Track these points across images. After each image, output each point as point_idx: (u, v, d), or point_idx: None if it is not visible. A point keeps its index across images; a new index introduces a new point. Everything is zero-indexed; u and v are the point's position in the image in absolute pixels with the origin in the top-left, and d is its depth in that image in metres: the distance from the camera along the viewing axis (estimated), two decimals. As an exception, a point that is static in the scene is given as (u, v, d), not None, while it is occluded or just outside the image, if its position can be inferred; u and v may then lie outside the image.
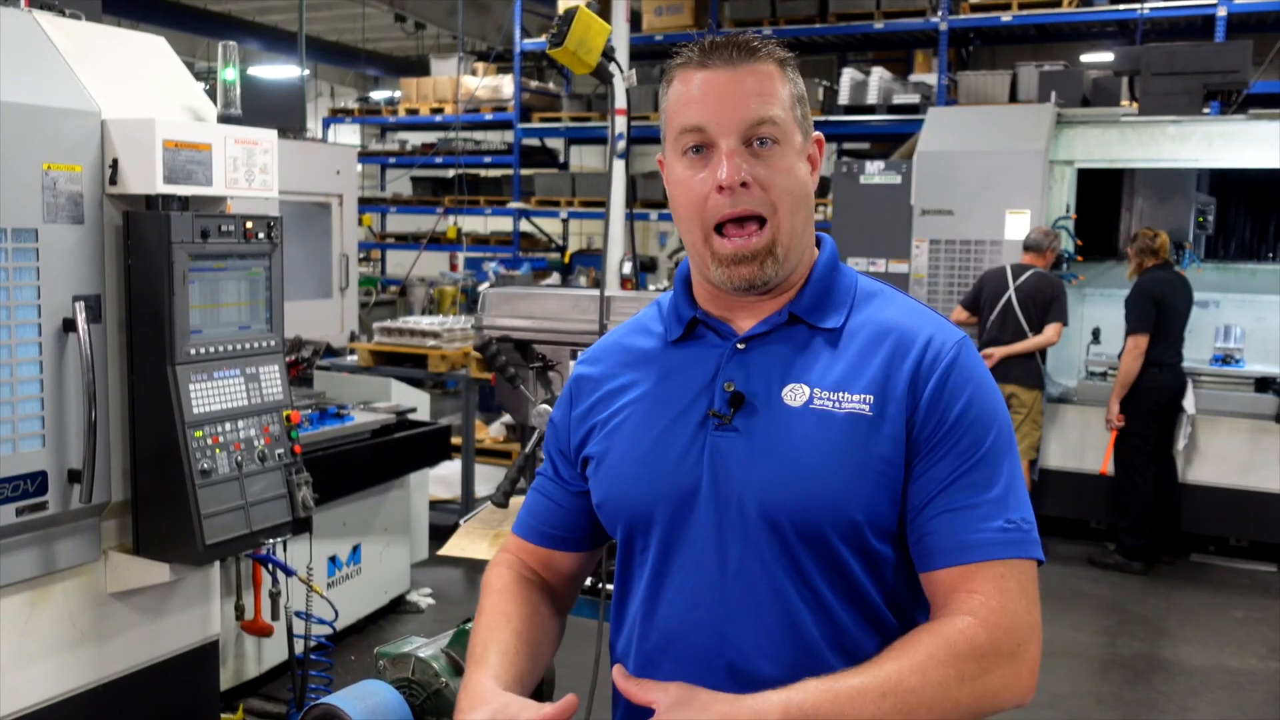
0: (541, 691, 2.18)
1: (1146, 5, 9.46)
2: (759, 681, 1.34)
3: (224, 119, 3.36)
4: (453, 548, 2.35)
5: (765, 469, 1.35)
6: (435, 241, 12.56)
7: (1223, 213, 7.23)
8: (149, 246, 3.12)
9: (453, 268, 15.21)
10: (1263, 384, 6.45)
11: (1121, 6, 9.71)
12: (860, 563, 1.35)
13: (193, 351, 3.18)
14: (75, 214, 3.05)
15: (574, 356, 2.48)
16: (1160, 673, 4.91)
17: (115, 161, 3.09)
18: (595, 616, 2.33)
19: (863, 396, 1.35)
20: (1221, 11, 9.17)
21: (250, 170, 3.34)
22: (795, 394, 1.37)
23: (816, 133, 1.45)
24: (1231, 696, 4.64)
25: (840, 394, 1.35)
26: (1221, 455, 6.34)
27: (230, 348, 3.30)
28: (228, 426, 3.26)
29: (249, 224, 3.32)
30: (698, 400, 1.42)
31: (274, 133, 3.50)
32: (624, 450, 1.46)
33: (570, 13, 2.30)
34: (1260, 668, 4.92)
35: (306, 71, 11.79)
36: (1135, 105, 7.18)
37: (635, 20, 10.35)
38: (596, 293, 2.40)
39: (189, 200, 3.22)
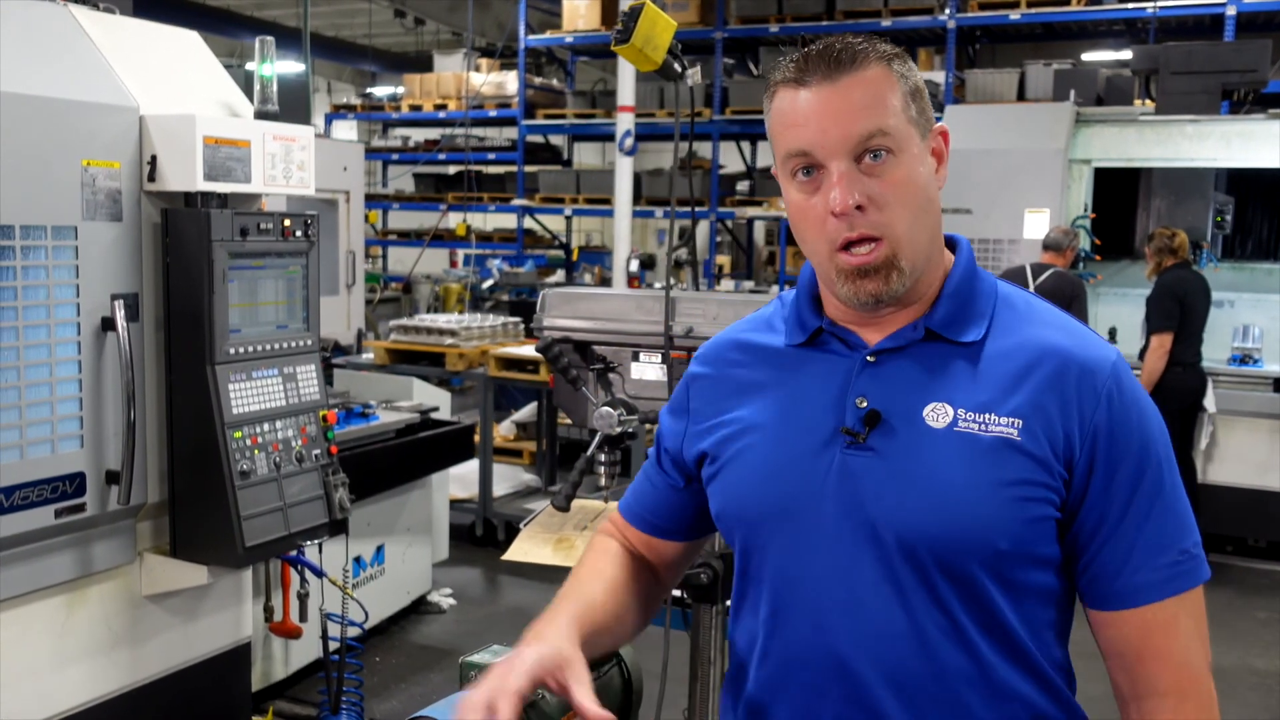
0: (630, 693, 2.14)
1: (1156, 4, 9.45)
2: (885, 714, 1.30)
3: (261, 115, 3.30)
4: (516, 552, 2.31)
5: (904, 494, 1.29)
6: (439, 238, 12.50)
7: (1240, 212, 7.22)
8: (188, 245, 3.07)
9: (453, 264, 15.17)
10: (1281, 384, 6.45)
11: (1131, 5, 9.70)
12: (1003, 593, 1.29)
13: (232, 351, 3.13)
14: (114, 211, 3.00)
15: (636, 358, 2.44)
16: (1187, 674, 4.88)
17: (154, 158, 3.04)
18: (661, 624, 2.29)
19: (1010, 420, 1.27)
20: (1231, 10, 9.17)
21: (288, 167, 3.30)
22: (938, 414, 1.30)
23: (940, 123, 1.37)
24: (1261, 699, 4.63)
25: (987, 415, 1.28)
26: (1240, 455, 6.33)
27: (268, 347, 3.26)
28: (266, 427, 3.22)
29: (287, 222, 3.28)
30: (825, 415, 1.35)
31: (311, 129, 3.46)
32: (745, 461, 1.40)
33: (636, 9, 2.25)
34: (1287, 669, 4.91)
35: (303, 67, 11.74)
36: (1149, 104, 7.17)
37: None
38: (660, 293, 2.36)
39: (227, 198, 3.17)
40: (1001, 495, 1.26)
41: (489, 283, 11.39)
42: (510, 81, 12.25)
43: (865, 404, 1.33)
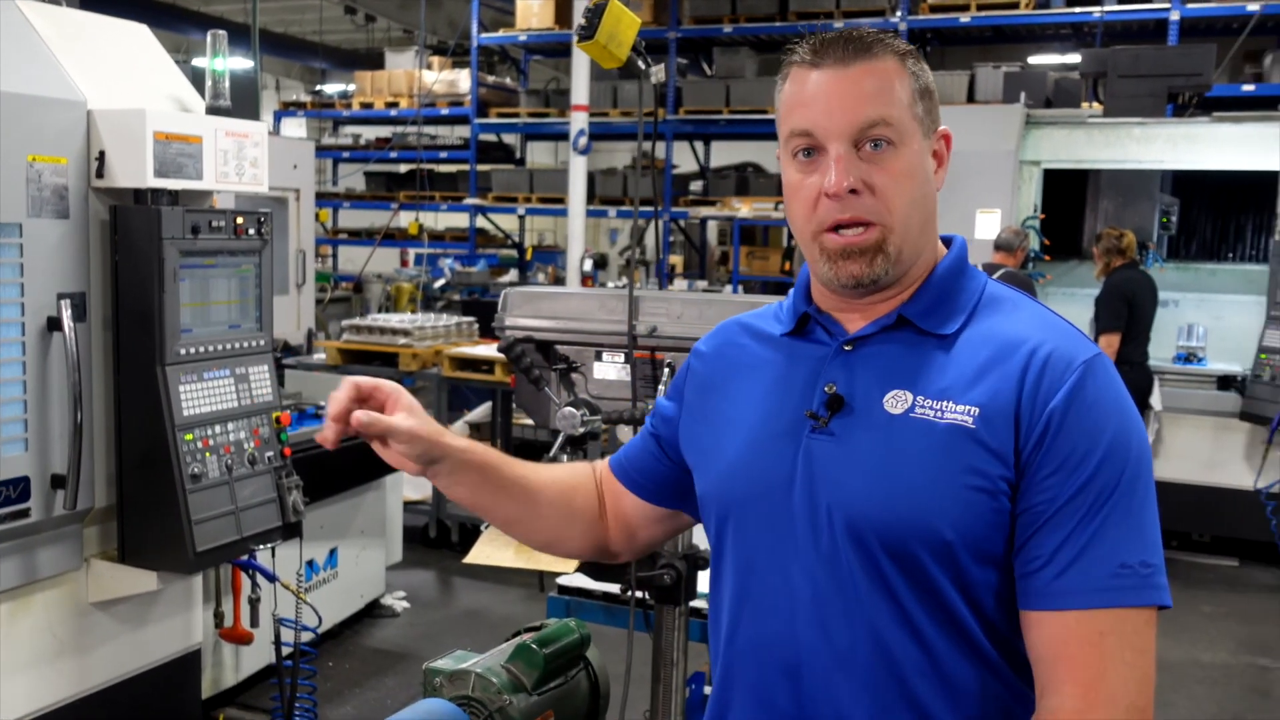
0: (597, 697, 2.12)
1: (1103, 8, 9.59)
2: (837, 700, 1.30)
3: (213, 110, 3.24)
4: (478, 555, 2.28)
5: (856, 478, 1.29)
6: (390, 237, 12.38)
7: (1185, 214, 7.35)
8: (138, 242, 3.00)
9: (403, 264, 15.02)
10: (1224, 382, 6.57)
11: (1078, 9, 9.85)
12: (954, 584, 1.26)
13: (183, 351, 3.07)
14: (60, 208, 2.93)
15: (599, 358, 2.42)
16: (1136, 669, 4.96)
17: (102, 154, 2.97)
18: (624, 626, 2.27)
19: (967, 408, 1.26)
20: (1175, 15, 9.33)
21: (241, 164, 3.24)
22: (897, 401, 1.30)
23: (944, 127, 1.37)
24: (1208, 691, 4.71)
25: (944, 403, 1.27)
26: (1185, 452, 6.45)
27: (220, 347, 3.20)
28: (218, 429, 3.16)
29: (239, 220, 3.22)
30: (799, 399, 1.36)
31: (264, 125, 3.40)
32: (722, 444, 1.42)
33: (600, 5, 2.23)
34: (1233, 662, 5.00)
35: (251, 63, 11.55)
36: (1097, 106, 7.27)
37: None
38: (624, 293, 2.34)
39: (178, 195, 3.11)
40: (950, 483, 1.24)
41: (441, 282, 11.29)
42: (463, 80, 12.15)
43: (833, 389, 1.33)
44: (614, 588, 2.63)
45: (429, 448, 1.42)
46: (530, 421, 7.67)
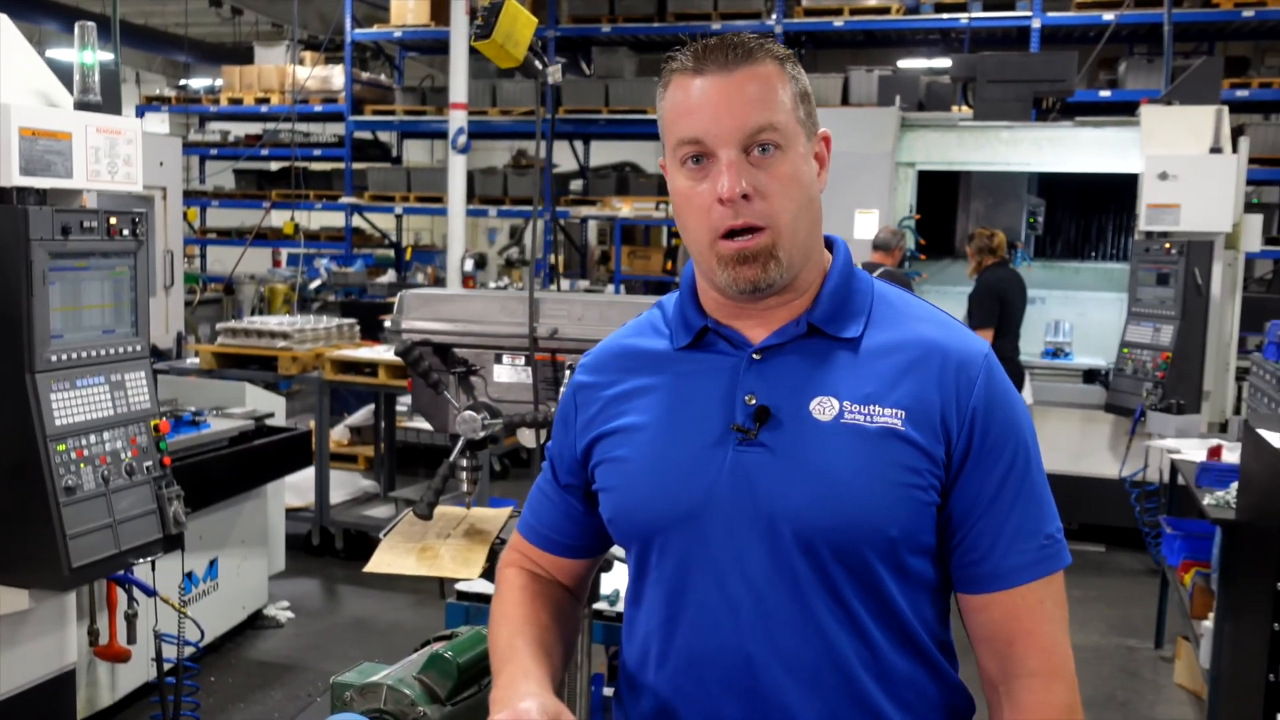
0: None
1: (970, 15, 9.92)
2: (787, 706, 1.32)
3: (82, 105, 3.10)
4: (379, 564, 2.22)
5: (799, 486, 1.30)
6: (262, 237, 12.04)
7: (1051, 214, 7.64)
8: (4, 244, 2.85)
9: (275, 264, 14.61)
10: (1090, 375, 6.86)
11: (946, 15, 10.16)
12: (894, 580, 1.32)
13: (53, 358, 2.93)
14: (-83, 207, 2.76)
15: (498, 360, 2.39)
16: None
17: (-38, 150, 2.81)
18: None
19: (894, 411, 1.31)
20: (1036, 23, 9.74)
21: (113, 161, 3.10)
22: (824, 408, 1.32)
23: (823, 129, 1.40)
24: (1081, 671, 4.88)
25: (872, 407, 1.31)
26: (1053, 443, 6.70)
27: (94, 353, 3.06)
28: (93, 439, 3.02)
29: (113, 220, 3.08)
30: (714, 413, 1.36)
31: (138, 121, 3.27)
32: (636, 464, 1.39)
33: (497, 4, 2.20)
34: (1103, 643, 5.22)
35: (112, 56, 11.07)
36: (967, 110, 7.51)
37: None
38: (524, 295, 2.31)
39: (46, 194, 2.96)
40: (890, 482, 1.30)
41: (317, 283, 11.01)
42: (337, 76, 11.88)
43: (754, 401, 1.34)
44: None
45: None
46: (413, 425, 7.57)
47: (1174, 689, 4.70)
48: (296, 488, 5.88)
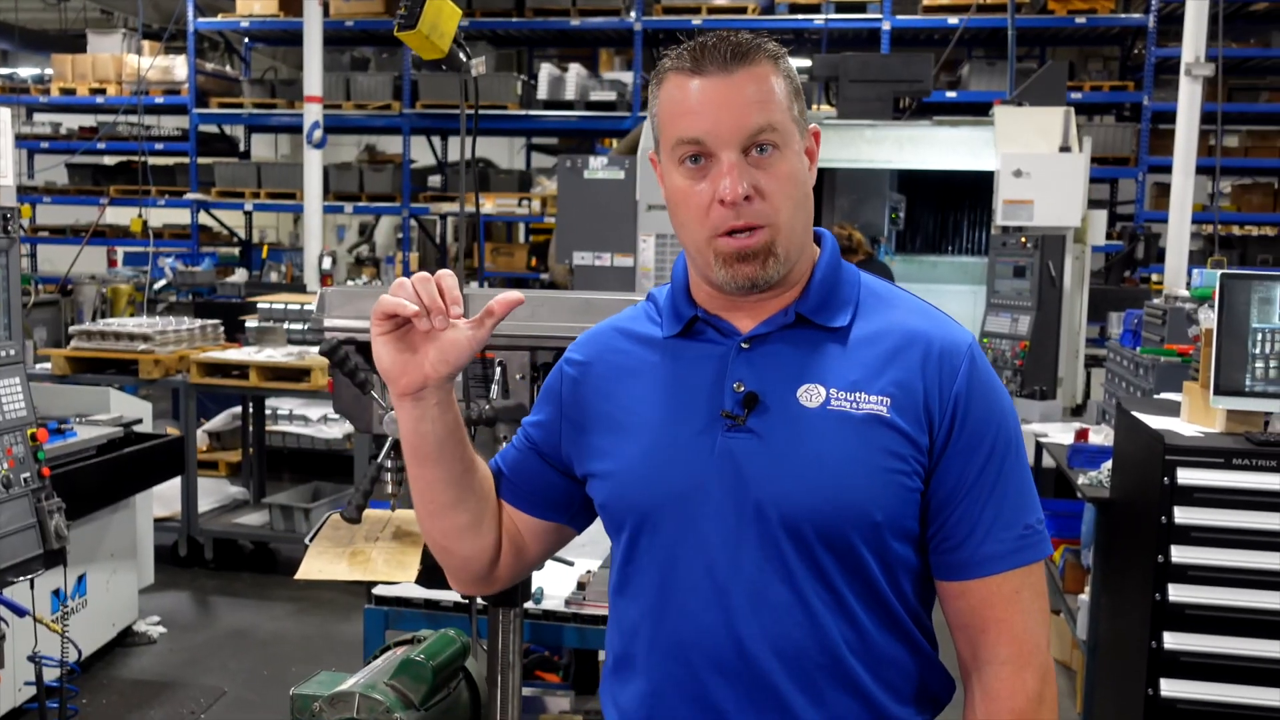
0: (478, 707, 2.05)
1: (825, 16, 10.20)
2: (776, 688, 1.35)
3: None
4: (309, 571, 2.14)
5: (786, 472, 1.33)
6: (99, 235, 11.44)
7: (911, 210, 7.91)
8: None
9: (112, 264, 13.89)
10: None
11: (801, 17, 10.41)
12: (879, 564, 1.36)
13: (-77, 364, 2.73)
14: None
15: (425, 358, 2.33)
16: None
17: None
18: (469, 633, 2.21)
19: (879, 398, 1.34)
20: (886, 25, 10.09)
21: (-16, 154, 2.90)
22: (811, 395, 1.35)
23: (813, 125, 1.43)
24: (945, 650, 5.10)
25: (858, 394, 1.35)
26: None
27: (-33, 359, 2.86)
28: (-33, 450, 2.83)
29: (-16, 216, 2.88)
30: (704, 400, 1.38)
31: (7, 111, 3.07)
32: (626, 450, 1.41)
33: (423, -7, 2.15)
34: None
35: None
36: (827, 108, 7.71)
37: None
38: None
39: (-89, 187, 2.75)
40: (876, 468, 1.33)
41: (162, 283, 10.51)
42: (179, 66, 11.38)
43: (742, 388, 1.37)
44: (451, 595, 2.56)
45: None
46: (278, 429, 7.33)
47: (1043, 661, 4.94)
48: (161, 497, 5.61)
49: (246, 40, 12.52)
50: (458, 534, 1.47)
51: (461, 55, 2.27)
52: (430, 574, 2.21)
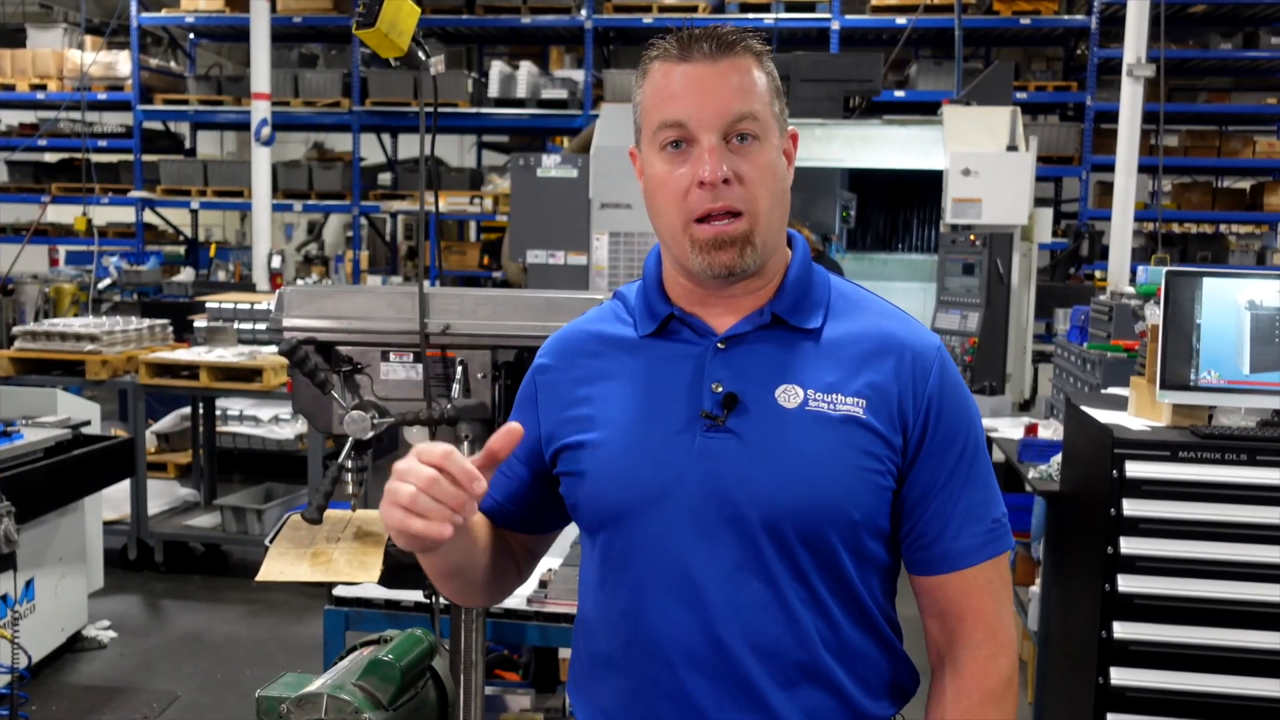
0: (445, 706, 2.05)
1: (776, 15, 10.27)
2: (754, 684, 1.36)
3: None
4: (270, 573, 2.12)
5: (767, 471, 1.35)
6: (41, 233, 11.23)
7: (861, 208, 7.99)
8: None
9: (53, 263, 13.62)
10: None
11: (751, 15, 10.46)
12: (854, 562, 1.38)
13: None
14: None
15: (385, 358, 2.33)
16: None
17: None
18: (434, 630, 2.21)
19: (855, 400, 1.37)
20: (835, 25, 10.20)
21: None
22: (789, 395, 1.37)
23: (791, 127, 1.45)
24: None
25: (834, 396, 1.37)
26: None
27: (-88, 361, 2.80)
28: (-87, 454, 2.77)
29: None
30: (682, 400, 1.39)
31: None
32: (603, 451, 1.41)
33: (383, -9, 2.14)
34: (916, 612, 5.51)
35: None
36: (779, 107, 7.75)
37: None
38: (413, 289, 2.27)
39: None
40: (853, 467, 1.36)
41: (107, 282, 10.33)
42: (122, 62, 11.19)
43: (720, 388, 1.38)
44: (412, 595, 2.55)
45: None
46: (228, 429, 7.23)
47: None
48: (110, 499, 5.52)
49: (191, 36, 12.35)
50: (474, 589, 1.51)
51: (420, 53, 2.26)
52: (393, 574, 2.21)
